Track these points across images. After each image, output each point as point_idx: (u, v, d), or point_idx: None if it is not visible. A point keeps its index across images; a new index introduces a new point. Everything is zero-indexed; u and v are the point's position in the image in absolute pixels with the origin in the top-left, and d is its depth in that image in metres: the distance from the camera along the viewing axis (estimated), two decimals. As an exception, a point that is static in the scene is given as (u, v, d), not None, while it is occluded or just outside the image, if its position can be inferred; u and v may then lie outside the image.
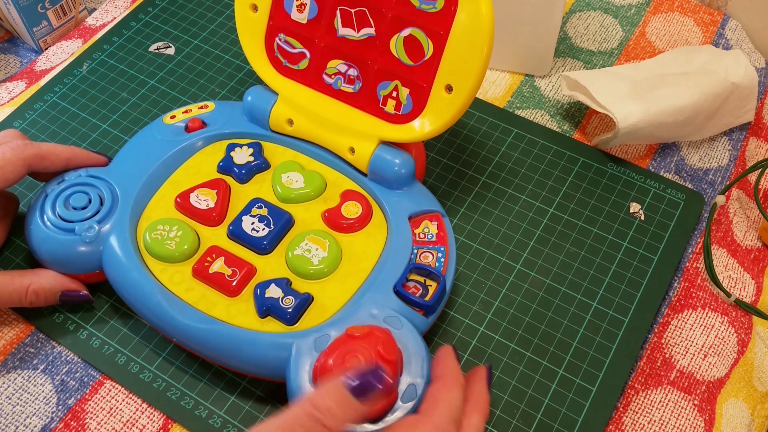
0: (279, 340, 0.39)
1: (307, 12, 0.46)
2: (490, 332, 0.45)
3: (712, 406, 0.44)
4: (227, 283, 0.41)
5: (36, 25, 0.60)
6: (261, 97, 0.48)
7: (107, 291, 0.45)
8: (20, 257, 0.48)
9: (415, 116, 0.44)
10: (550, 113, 0.56)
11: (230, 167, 0.47)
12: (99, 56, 0.59)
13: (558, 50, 0.60)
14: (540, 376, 0.43)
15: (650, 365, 0.45)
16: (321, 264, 0.42)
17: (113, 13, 0.64)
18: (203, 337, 0.40)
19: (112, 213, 0.44)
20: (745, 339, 0.46)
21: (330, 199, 0.46)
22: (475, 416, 0.35)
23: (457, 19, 0.41)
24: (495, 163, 0.53)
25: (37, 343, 0.45)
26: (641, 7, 0.64)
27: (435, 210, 0.45)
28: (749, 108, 0.54)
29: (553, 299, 0.46)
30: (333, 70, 0.46)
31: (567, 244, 0.49)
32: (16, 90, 0.58)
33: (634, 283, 0.47)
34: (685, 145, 0.55)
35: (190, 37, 0.61)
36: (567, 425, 0.42)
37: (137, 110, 0.56)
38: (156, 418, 0.42)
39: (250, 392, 0.43)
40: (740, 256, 0.50)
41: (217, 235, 0.44)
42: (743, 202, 0.53)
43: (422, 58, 0.43)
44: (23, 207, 0.50)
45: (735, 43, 0.61)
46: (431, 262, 0.43)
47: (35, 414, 0.42)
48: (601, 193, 0.51)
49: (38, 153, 0.44)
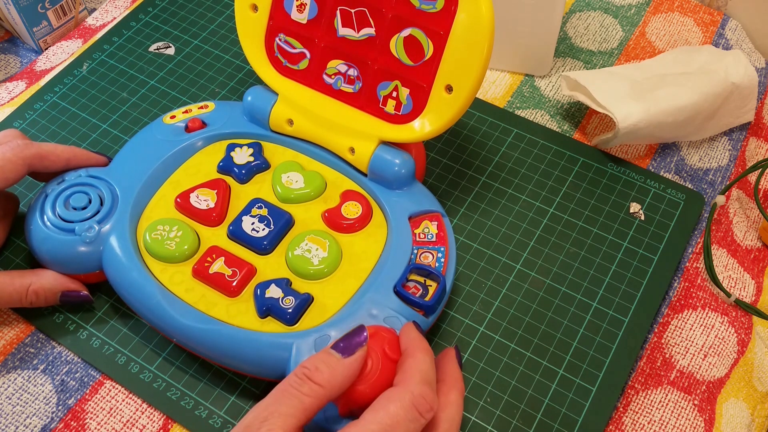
0: (279, 340, 0.39)
1: (307, 12, 0.46)
2: (490, 332, 0.45)
3: (712, 406, 0.44)
4: (227, 283, 0.41)
5: (36, 25, 0.60)
6: (261, 97, 0.48)
7: (107, 291, 0.45)
8: (20, 257, 0.48)
9: (415, 116, 0.44)
10: (550, 113, 0.56)
11: (230, 167, 0.47)
12: (99, 56, 0.59)
13: (558, 50, 0.60)
14: (540, 376, 0.43)
15: (650, 365, 0.45)
16: (321, 264, 0.42)
17: (113, 13, 0.64)
18: (203, 338, 0.40)
19: (112, 213, 0.44)
20: (745, 339, 0.46)
21: (330, 199, 0.46)
22: (453, 393, 0.36)
23: (457, 19, 0.41)
24: (495, 163, 0.53)
25: (37, 343, 0.45)
26: (641, 7, 0.64)
27: (435, 210, 0.45)
28: (749, 108, 0.54)
29: (553, 299, 0.46)
30: (333, 70, 0.46)
31: (567, 244, 0.49)
32: (16, 90, 0.58)
33: (634, 283, 0.47)
34: (685, 145, 0.55)
35: (190, 37, 0.61)
36: (567, 425, 0.42)
37: (137, 110, 0.56)
38: (156, 418, 0.42)
39: (250, 392, 0.43)
40: (740, 256, 0.50)
41: (217, 236, 0.44)
42: (743, 202, 0.53)
43: (422, 58, 0.43)
44: (23, 207, 0.50)
45: (735, 43, 0.61)
46: (431, 263, 0.43)
47: (35, 414, 0.42)
48: (601, 193, 0.51)
49: (38, 153, 0.44)
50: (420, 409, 0.33)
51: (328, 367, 0.33)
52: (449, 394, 0.36)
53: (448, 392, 0.36)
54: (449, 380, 0.37)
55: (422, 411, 0.33)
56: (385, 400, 0.33)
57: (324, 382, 0.33)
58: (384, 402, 0.33)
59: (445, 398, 0.36)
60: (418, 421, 0.33)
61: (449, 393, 0.36)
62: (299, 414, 0.32)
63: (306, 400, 0.32)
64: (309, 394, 0.32)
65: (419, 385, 0.33)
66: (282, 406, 0.32)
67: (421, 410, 0.33)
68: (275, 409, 0.32)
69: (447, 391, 0.36)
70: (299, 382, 0.33)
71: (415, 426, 0.32)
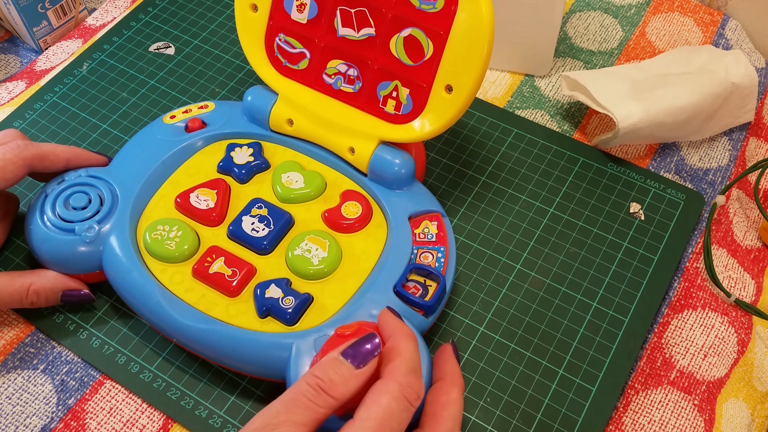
0: (279, 340, 0.39)
1: (307, 12, 0.46)
2: (490, 332, 0.45)
3: (712, 406, 0.44)
4: (227, 283, 0.41)
5: (36, 25, 0.60)
6: (261, 97, 0.48)
7: (107, 291, 0.45)
8: (20, 257, 0.48)
9: (415, 116, 0.44)
10: (550, 113, 0.56)
11: (230, 167, 0.47)
12: (99, 56, 0.59)
13: (558, 50, 0.60)
14: (540, 376, 0.43)
15: (650, 365, 0.45)
16: (321, 264, 0.42)
17: (113, 13, 0.64)
18: (203, 338, 0.40)
19: (112, 213, 0.44)
20: (745, 339, 0.46)
21: (330, 199, 0.46)
22: (454, 391, 0.36)
23: (457, 19, 0.41)
24: (495, 163, 0.53)
25: (37, 343, 0.45)
26: (641, 7, 0.64)
27: (435, 210, 0.45)
28: (749, 108, 0.54)
29: (553, 299, 0.46)
30: (333, 70, 0.46)
31: (567, 244, 0.49)
32: (16, 90, 0.58)
33: (634, 283, 0.47)
34: (685, 145, 0.55)
35: (190, 37, 0.61)
36: (567, 425, 0.42)
37: (137, 110, 0.56)
38: (156, 418, 0.42)
39: (250, 392, 0.43)
40: (740, 256, 0.50)
41: (217, 236, 0.44)
42: (743, 202, 0.53)
43: (422, 58, 0.43)
44: (23, 207, 0.50)
45: (735, 43, 0.61)
46: (431, 263, 0.43)
47: (35, 414, 0.42)
48: (601, 193, 0.51)
49: (38, 153, 0.44)
50: (409, 398, 0.33)
51: (343, 379, 0.33)
52: (450, 392, 0.36)
53: (449, 390, 0.36)
54: (449, 378, 0.37)
55: (411, 399, 0.33)
56: (375, 394, 0.33)
57: (339, 396, 0.33)
58: (375, 396, 0.33)
59: (447, 396, 0.36)
60: (408, 410, 0.33)
61: (450, 391, 0.36)
62: (312, 424, 0.32)
63: (320, 411, 0.32)
64: (324, 406, 0.32)
65: (405, 374, 0.33)
66: (294, 415, 0.32)
67: (410, 399, 0.33)
68: (287, 417, 0.32)
69: (448, 390, 0.36)
70: (314, 394, 0.32)
71: (407, 415, 0.33)
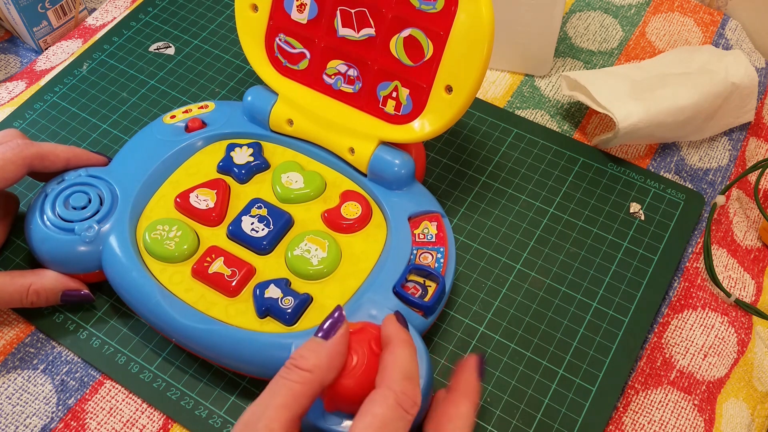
0: (278, 340, 0.39)
1: (307, 12, 0.46)
2: (490, 332, 0.45)
3: (712, 406, 0.44)
4: (227, 283, 0.41)
5: (36, 25, 0.60)
6: (261, 97, 0.48)
7: (107, 291, 0.45)
8: (20, 257, 0.48)
9: (415, 117, 0.44)
10: (550, 113, 0.56)
11: (230, 167, 0.47)
12: (99, 56, 0.59)
13: (558, 50, 0.60)
14: (540, 376, 0.43)
15: (650, 365, 0.45)
16: (320, 264, 0.42)
17: (113, 13, 0.64)
18: (203, 338, 0.40)
19: (112, 213, 0.44)
20: (745, 339, 0.46)
21: (330, 199, 0.46)
22: (464, 404, 0.35)
23: (457, 19, 0.41)
24: (495, 163, 0.53)
25: (37, 343, 0.45)
26: (641, 7, 0.64)
27: (435, 210, 0.45)
28: (749, 108, 0.54)
29: (553, 299, 0.46)
30: (333, 71, 0.46)
31: (567, 244, 0.49)
32: (16, 90, 0.58)
33: (634, 283, 0.47)
34: (685, 145, 0.55)
35: (190, 37, 0.61)
36: (567, 425, 0.42)
37: (137, 110, 0.56)
38: (156, 418, 0.42)
39: (250, 392, 0.43)
40: (740, 256, 0.50)
41: (217, 235, 0.44)
42: (743, 202, 0.53)
43: (422, 58, 0.43)
44: (23, 207, 0.50)
45: (735, 43, 0.61)
46: (431, 263, 0.43)
47: (35, 414, 0.42)
48: (601, 193, 0.51)
49: (38, 153, 0.44)
50: (404, 406, 0.32)
51: (312, 352, 0.34)
52: (459, 405, 0.35)
53: (458, 403, 0.35)
54: (461, 390, 0.36)
55: (407, 408, 0.32)
56: (369, 404, 0.32)
57: (311, 366, 0.33)
58: (369, 406, 0.32)
59: (455, 409, 0.35)
60: (404, 418, 0.32)
61: (459, 404, 0.35)
62: (291, 403, 0.32)
63: (296, 387, 0.32)
64: (298, 380, 0.32)
65: (400, 382, 0.33)
66: (274, 397, 0.32)
67: (405, 407, 0.32)
68: (269, 402, 0.32)
69: (457, 402, 0.35)
70: (287, 371, 0.33)
71: (403, 423, 0.32)
